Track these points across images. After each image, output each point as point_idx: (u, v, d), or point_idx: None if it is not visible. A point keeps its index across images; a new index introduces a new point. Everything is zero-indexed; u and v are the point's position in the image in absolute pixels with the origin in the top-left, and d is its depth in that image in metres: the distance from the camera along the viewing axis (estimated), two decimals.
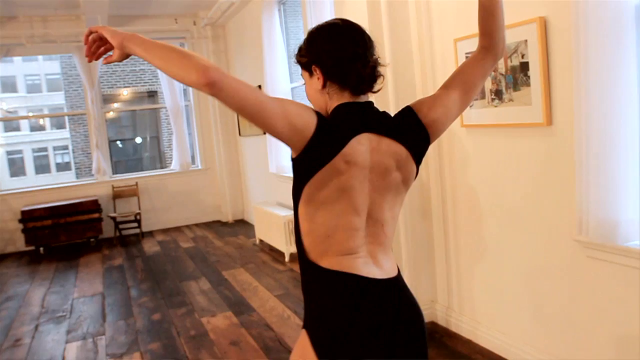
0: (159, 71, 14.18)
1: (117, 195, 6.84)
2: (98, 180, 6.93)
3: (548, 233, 2.41)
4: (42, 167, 27.25)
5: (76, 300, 4.47)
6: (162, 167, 13.43)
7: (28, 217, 6.11)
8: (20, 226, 6.21)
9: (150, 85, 14.13)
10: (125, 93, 14.33)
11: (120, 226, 6.73)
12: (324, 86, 1.25)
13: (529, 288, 2.57)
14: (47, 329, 3.85)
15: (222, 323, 3.64)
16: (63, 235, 6.28)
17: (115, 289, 4.68)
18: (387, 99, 3.04)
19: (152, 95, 14.51)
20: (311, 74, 1.28)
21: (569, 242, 2.28)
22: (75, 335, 3.67)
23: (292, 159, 1.21)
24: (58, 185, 7.13)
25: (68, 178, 20.18)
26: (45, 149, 27.67)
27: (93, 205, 6.39)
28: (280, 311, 3.76)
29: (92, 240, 6.53)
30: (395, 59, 3.06)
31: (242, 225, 7.07)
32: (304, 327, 1.28)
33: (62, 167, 27.25)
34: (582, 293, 2.27)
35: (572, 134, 2.16)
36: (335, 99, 1.26)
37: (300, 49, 1.30)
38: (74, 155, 15.14)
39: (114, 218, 6.59)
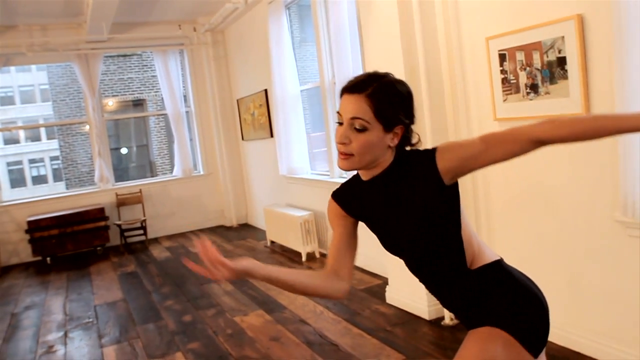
0: (149, 78, 13.53)
1: (121, 202, 6.81)
2: (101, 189, 6.90)
3: (587, 215, 2.56)
4: (17, 180, 26.69)
5: (99, 306, 4.46)
6: (152, 177, 13.30)
7: (34, 227, 6.05)
8: (26, 237, 6.15)
9: (138, 93, 14.03)
10: (111, 104, 14.19)
11: (126, 234, 6.70)
12: (396, 145, 1.34)
13: (567, 269, 2.71)
14: (78, 335, 3.85)
15: (256, 321, 3.70)
16: (70, 245, 6.23)
17: (136, 295, 4.69)
18: (421, 101, 3.16)
19: (138, 104, 14.40)
20: (388, 130, 1.30)
21: (609, 222, 2.43)
22: (109, 339, 3.69)
23: (452, 185, 1.32)
24: (60, 195, 7.07)
25: (44, 191, 19.80)
26: (20, 162, 27.10)
27: (99, 214, 6.37)
28: (312, 307, 3.84)
29: (99, 248, 6.49)
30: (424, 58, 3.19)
31: (247, 229, 7.12)
32: (494, 325, 1.31)
33: (38, 180, 26.73)
34: (623, 270, 2.42)
35: None
36: (391, 153, 1.36)
37: (392, 103, 1.30)
38: (63, 166, 14.87)
39: (119, 225, 6.57)
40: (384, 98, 1.28)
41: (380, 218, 1.41)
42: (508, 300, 1.33)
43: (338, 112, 1.33)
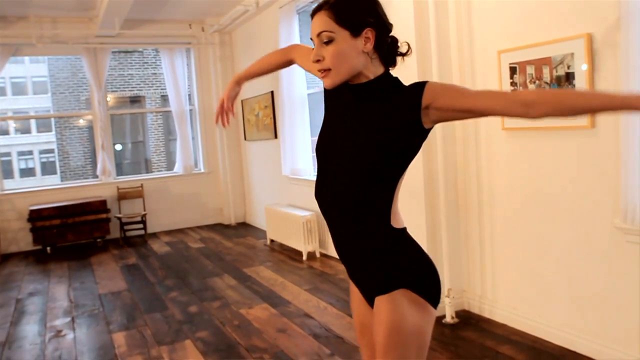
0: (149, 76, 13.54)
1: (122, 196, 6.88)
2: (102, 181, 6.96)
3: (587, 221, 2.72)
4: (4, 172, 26.41)
5: (103, 295, 4.53)
6: (148, 173, 13.34)
7: (36, 217, 6.10)
8: (28, 225, 6.19)
9: (137, 90, 14.08)
10: (109, 99, 14.23)
11: (125, 227, 6.77)
12: (372, 50, 1.36)
13: (567, 273, 2.87)
14: (86, 322, 3.92)
15: (262, 314, 3.81)
16: (70, 235, 6.29)
17: (140, 286, 4.77)
18: None
19: (136, 101, 14.44)
20: (356, 35, 1.34)
21: (609, 228, 2.60)
22: (118, 326, 3.77)
23: (426, 129, 1.33)
24: (61, 186, 7.12)
25: (32, 183, 19.70)
26: (8, 154, 26.91)
27: (101, 206, 6.43)
28: (316, 303, 3.96)
29: (99, 240, 6.55)
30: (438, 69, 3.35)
31: (246, 228, 7.22)
32: (400, 287, 1.40)
33: (26, 172, 26.55)
34: (622, 275, 2.58)
35: (616, 134, 2.50)
36: (378, 65, 1.40)
37: (352, 7, 1.34)
38: (59, 159, 14.84)
39: (120, 219, 6.64)
40: (343, 5, 1.34)
41: (337, 119, 1.45)
42: (413, 264, 1.43)
43: (310, 39, 1.39)
